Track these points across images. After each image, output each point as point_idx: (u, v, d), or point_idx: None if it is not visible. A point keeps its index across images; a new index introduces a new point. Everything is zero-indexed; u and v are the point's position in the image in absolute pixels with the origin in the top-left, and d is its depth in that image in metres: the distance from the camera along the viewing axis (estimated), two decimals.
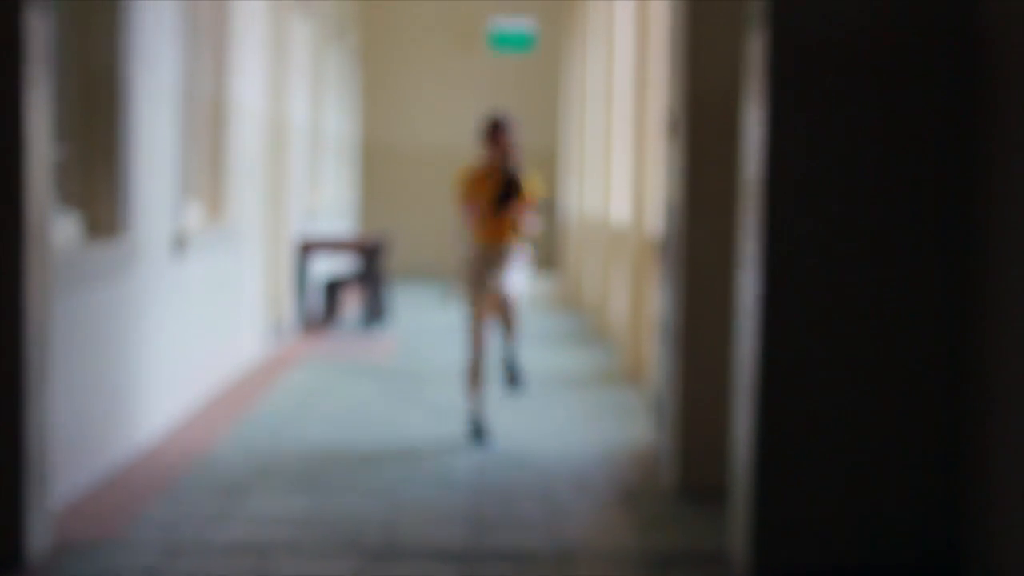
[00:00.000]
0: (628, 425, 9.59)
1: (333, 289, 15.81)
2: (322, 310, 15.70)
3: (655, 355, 9.52)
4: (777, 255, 5.05)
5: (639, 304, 11.43)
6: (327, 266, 16.93)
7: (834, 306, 5.04)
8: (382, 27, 23.34)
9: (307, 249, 15.15)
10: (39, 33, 5.45)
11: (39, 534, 5.76)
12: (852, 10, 4.99)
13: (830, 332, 5.05)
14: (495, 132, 9.21)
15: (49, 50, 5.63)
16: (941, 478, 5.05)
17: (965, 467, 4.95)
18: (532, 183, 9.23)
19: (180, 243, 9.37)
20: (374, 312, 15.48)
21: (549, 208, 21.54)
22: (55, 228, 6.82)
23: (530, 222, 9.21)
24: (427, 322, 15.92)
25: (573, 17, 20.28)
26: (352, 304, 17.27)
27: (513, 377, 9.52)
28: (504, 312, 9.37)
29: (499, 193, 9.16)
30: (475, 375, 9.26)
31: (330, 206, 19.10)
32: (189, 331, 9.81)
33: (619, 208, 13.85)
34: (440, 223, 21.42)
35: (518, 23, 22.67)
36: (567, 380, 11.62)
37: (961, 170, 4.94)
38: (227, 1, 11.04)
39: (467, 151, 18.17)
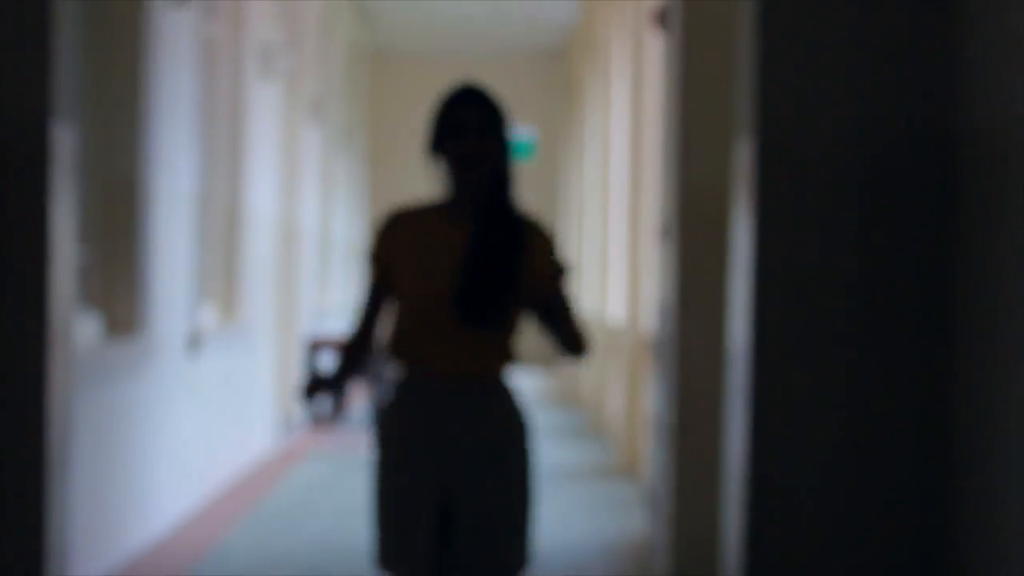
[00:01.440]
0: (623, 517, 9.58)
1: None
2: (329, 406, 15.69)
3: (649, 450, 9.52)
4: (766, 354, 5.08)
5: (634, 400, 11.44)
6: (335, 363, 16.93)
7: (822, 401, 5.06)
8: (388, 134, 23.48)
9: (316, 347, 15.17)
10: (65, 143, 5.51)
11: None
12: (834, 119, 5.05)
13: (817, 427, 5.07)
14: (462, 124, 4.29)
15: (74, 159, 5.69)
16: (933, 565, 5.06)
17: (958, 556, 4.97)
18: (544, 240, 4.38)
19: (195, 341, 9.40)
20: (379, 408, 15.48)
21: None
22: (77, 326, 6.86)
23: (569, 333, 4.49)
24: None
25: (571, 126, 20.42)
26: (358, 400, 17.26)
27: None
28: None
29: (473, 267, 4.26)
30: None
31: (338, 306, 19.14)
32: (202, 426, 9.83)
33: (615, 308, 13.89)
34: None
35: (519, 132, 22.80)
36: (565, 474, 11.61)
37: (941, 261, 4.99)
38: (241, 112, 11.14)
39: None
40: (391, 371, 3.66)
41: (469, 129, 4.32)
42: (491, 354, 4.35)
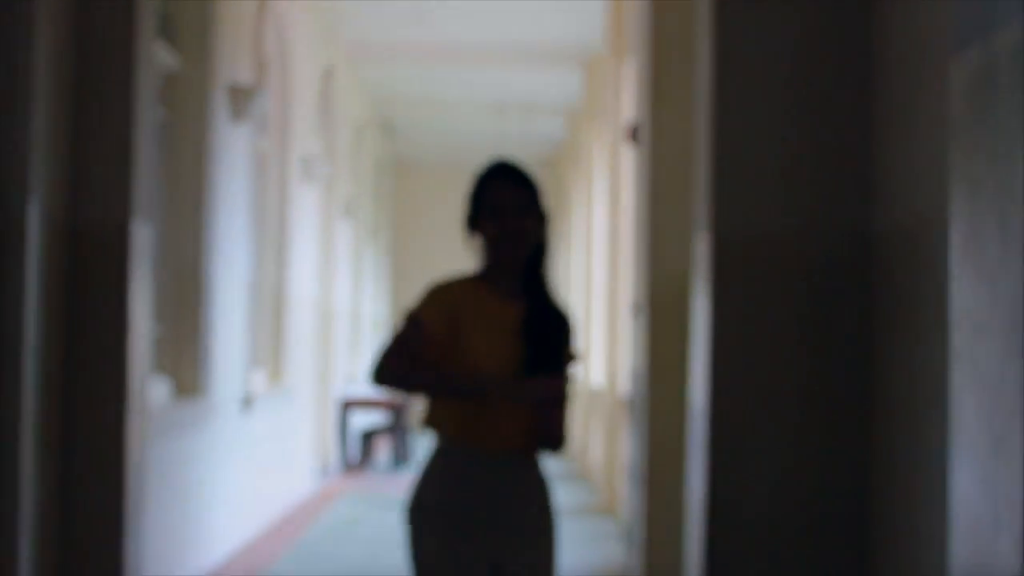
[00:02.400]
0: (604, 548, 9.56)
1: (368, 438, 15.80)
2: (359, 455, 15.67)
3: (625, 492, 9.50)
4: (721, 412, 5.09)
5: (612, 450, 11.43)
6: (363, 420, 16.95)
7: (767, 451, 5.06)
8: (409, 229, 23.57)
9: (348, 406, 15.18)
10: (141, 237, 5.56)
11: None
12: (776, 218, 5.09)
13: (763, 472, 5.07)
14: (499, 204, 3.69)
15: (149, 251, 5.73)
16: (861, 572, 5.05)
17: (879, 566, 4.97)
18: (570, 325, 3.93)
19: (247, 401, 9.41)
20: (401, 456, 15.46)
21: None
22: (151, 389, 6.88)
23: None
24: None
25: (560, 222, 20.49)
26: (383, 450, 17.23)
27: None
28: None
29: (531, 346, 3.70)
30: None
31: (367, 372, 19.12)
32: (254, 471, 9.82)
33: (596, 372, 13.91)
34: None
35: None
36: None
37: (864, 336, 5.01)
38: (286, 211, 11.21)
39: None
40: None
41: (506, 208, 3.66)
42: (534, 429, 3.75)
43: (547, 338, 3.69)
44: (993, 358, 2.54)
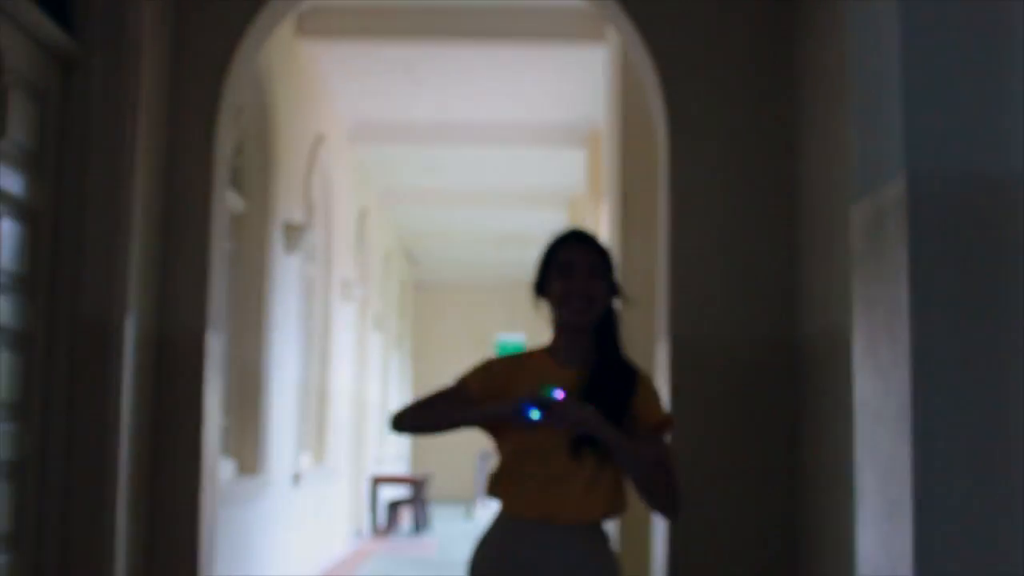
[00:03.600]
0: None
1: (394, 507, 15.68)
2: (386, 521, 15.55)
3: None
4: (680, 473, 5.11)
5: None
6: (390, 492, 16.84)
7: (717, 503, 5.08)
8: (426, 337, 23.58)
9: (377, 481, 15.09)
10: (214, 345, 5.62)
11: None
12: (720, 327, 5.16)
13: (714, 535, 5.08)
14: (568, 265, 3.01)
15: (220, 355, 5.79)
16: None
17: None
18: (650, 389, 3.07)
19: (296, 478, 9.40)
20: (421, 523, 15.33)
21: None
22: (220, 469, 6.89)
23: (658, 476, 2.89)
24: (456, 529, 15.74)
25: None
26: (406, 517, 17.09)
27: None
28: None
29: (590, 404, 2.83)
30: None
31: (393, 454, 19.05)
32: (302, 535, 9.76)
33: None
34: (464, 462, 21.28)
35: (514, 336, 22.91)
36: None
37: (791, 420, 5.05)
38: (329, 324, 11.26)
39: None
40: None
41: (576, 267, 2.99)
42: (592, 500, 2.89)
43: (607, 398, 2.89)
44: (886, 440, 2.62)
